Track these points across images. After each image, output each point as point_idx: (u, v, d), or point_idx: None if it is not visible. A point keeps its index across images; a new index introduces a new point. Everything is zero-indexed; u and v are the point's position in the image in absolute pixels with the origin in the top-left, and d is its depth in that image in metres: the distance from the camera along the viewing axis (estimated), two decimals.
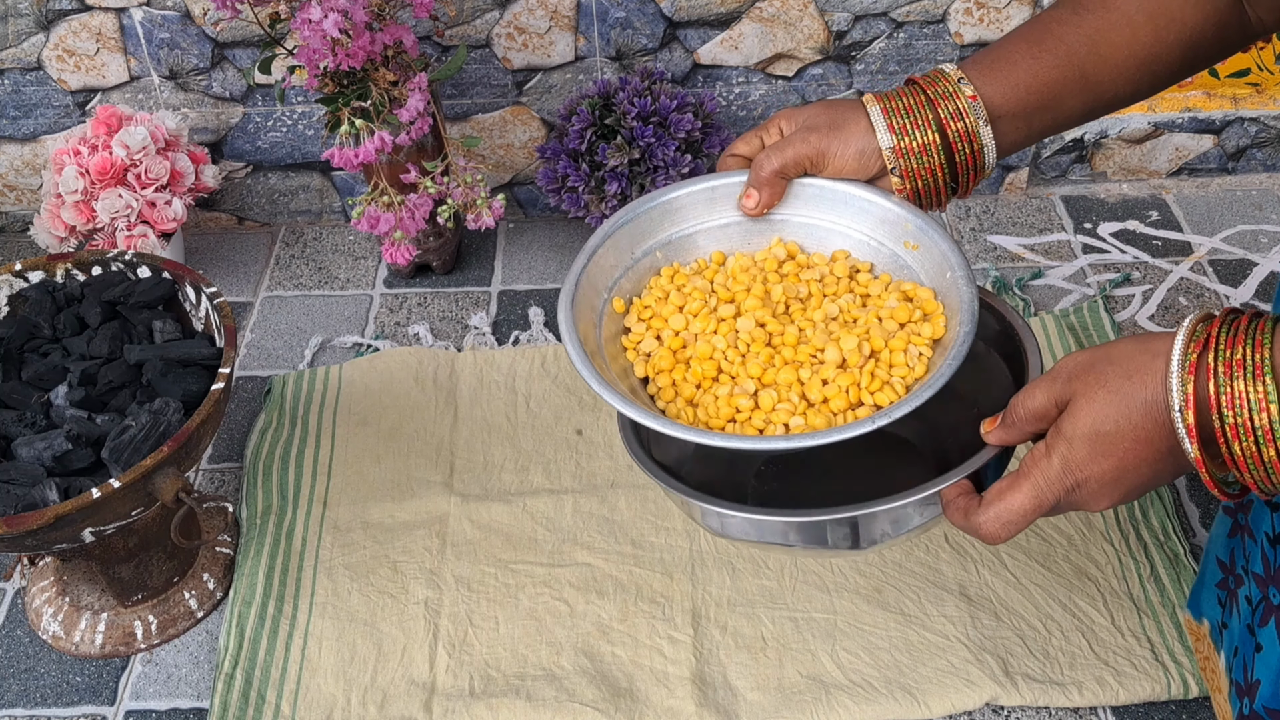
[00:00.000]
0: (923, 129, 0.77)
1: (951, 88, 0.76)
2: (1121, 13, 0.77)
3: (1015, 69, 0.77)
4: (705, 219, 0.84)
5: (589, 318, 0.80)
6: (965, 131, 0.77)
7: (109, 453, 0.91)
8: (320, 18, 1.07)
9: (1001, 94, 0.77)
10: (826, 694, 0.94)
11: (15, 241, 1.50)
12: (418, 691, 0.96)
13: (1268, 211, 1.44)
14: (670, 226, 0.84)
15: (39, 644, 1.03)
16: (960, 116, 0.76)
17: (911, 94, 0.78)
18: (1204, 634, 0.78)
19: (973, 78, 0.77)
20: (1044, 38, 0.77)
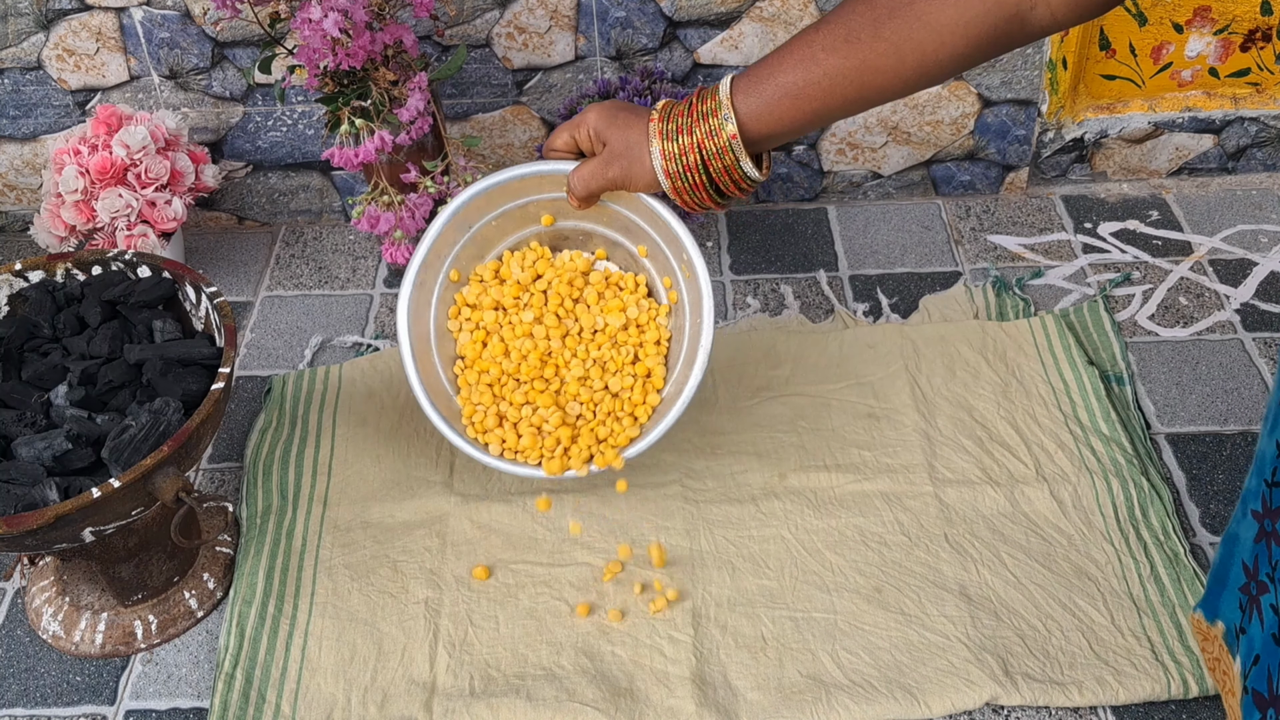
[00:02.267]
0: (692, 171, 0.91)
1: (718, 125, 0.88)
2: (890, 43, 0.83)
3: (781, 105, 0.87)
4: (535, 195, 1.02)
5: (425, 299, 1.02)
6: (725, 169, 0.90)
7: (109, 453, 0.91)
8: (320, 17, 1.07)
9: (765, 128, 0.88)
10: (826, 694, 0.94)
11: (15, 241, 1.50)
12: (418, 691, 0.96)
13: (1268, 211, 1.44)
14: (505, 202, 1.02)
15: (39, 644, 1.03)
16: (721, 155, 0.89)
17: (686, 132, 0.90)
18: (1216, 636, 0.77)
19: (740, 114, 0.88)
20: (813, 71, 0.85)
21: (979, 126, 1.43)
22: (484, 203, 1.01)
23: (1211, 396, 1.20)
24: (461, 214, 1.01)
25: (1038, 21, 0.81)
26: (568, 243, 1.05)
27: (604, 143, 0.94)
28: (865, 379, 1.21)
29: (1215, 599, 0.77)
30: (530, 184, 1.00)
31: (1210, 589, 0.77)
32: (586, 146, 0.97)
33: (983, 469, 1.11)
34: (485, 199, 1.01)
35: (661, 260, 1.02)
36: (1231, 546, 0.75)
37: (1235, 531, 0.75)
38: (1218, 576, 0.76)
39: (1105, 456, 1.11)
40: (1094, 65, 1.42)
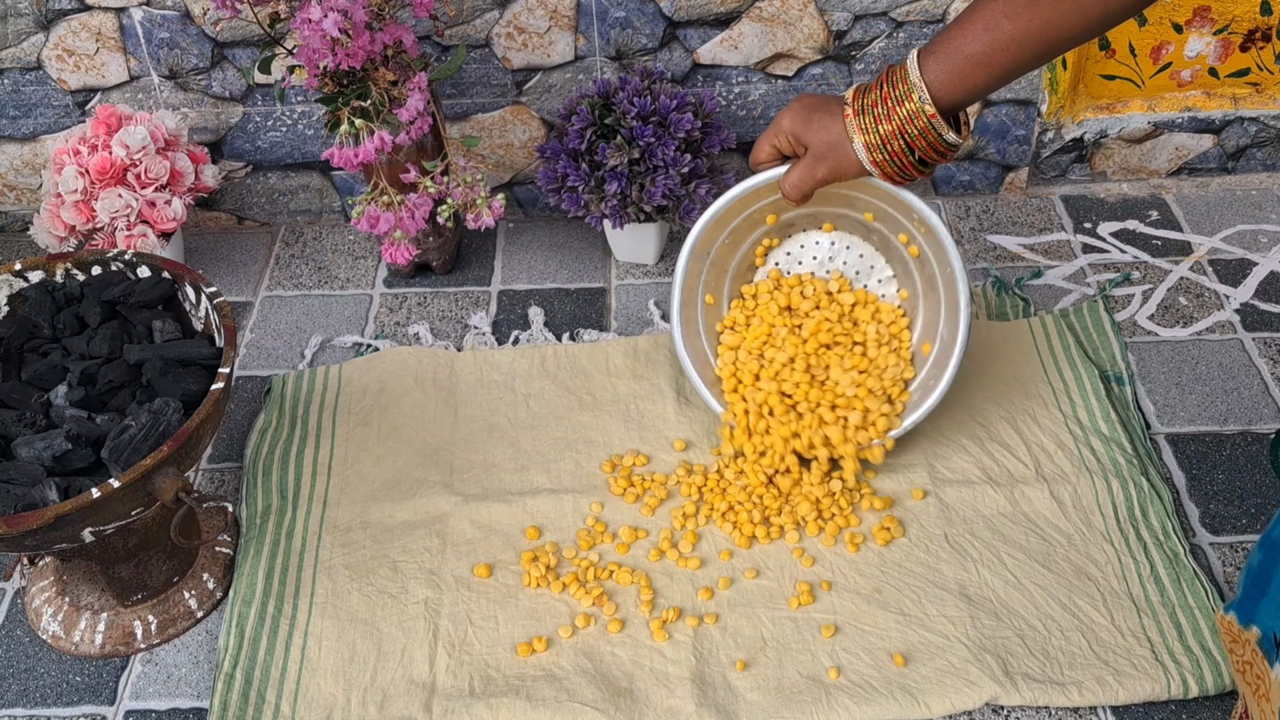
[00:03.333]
0: (898, 155, 0.96)
1: (916, 108, 0.93)
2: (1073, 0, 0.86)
3: (973, 75, 0.91)
4: (755, 205, 1.09)
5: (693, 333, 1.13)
6: (929, 145, 0.95)
7: (109, 453, 0.91)
8: (320, 17, 1.07)
9: (959, 97, 0.93)
10: (826, 694, 0.94)
11: (15, 241, 1.50)
12: (418, 691, 0.96)
13: (1268, 211, 1.44)
14: (731, 221, 1.10)
15: (39, 644, 1.03)
16: (924, 135, 0.94)
17: (885, 119, 0.95)
18: (1249, 640, 0.77)
19: (934, 90, 0.92)
20: (999, 37, 0.89)
21: (979, 126, 1.43)
22: (714, 229, 1.10)
23: (1211, 396, 1.20)
24: (699, 244, 1.10)
25: None
26: (794, 228, 1.14)
27: (805, 146, 1.00)
28: None
29: (1252, 604, 0.76)
30: (749, 198, 1.08)
31: (1246, 593, 0.76)
32: (788, 150, 1.02)
33: (983, 469, 1.11)
34: (714, 225, 1.09)
35: (891, 221, 1.09)
36: (1274, 554, 0.74)
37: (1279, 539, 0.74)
38: (1256, 582, 0.75)
39: (1105, 456, 1.11)
40: (1093, 65, 1.43)
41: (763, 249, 1.14)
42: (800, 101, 1.00)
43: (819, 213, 1.12)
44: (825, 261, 1.14)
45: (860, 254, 1.14)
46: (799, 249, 1.15)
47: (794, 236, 1.14)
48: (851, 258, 1.14)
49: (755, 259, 1.15)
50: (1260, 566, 0.75)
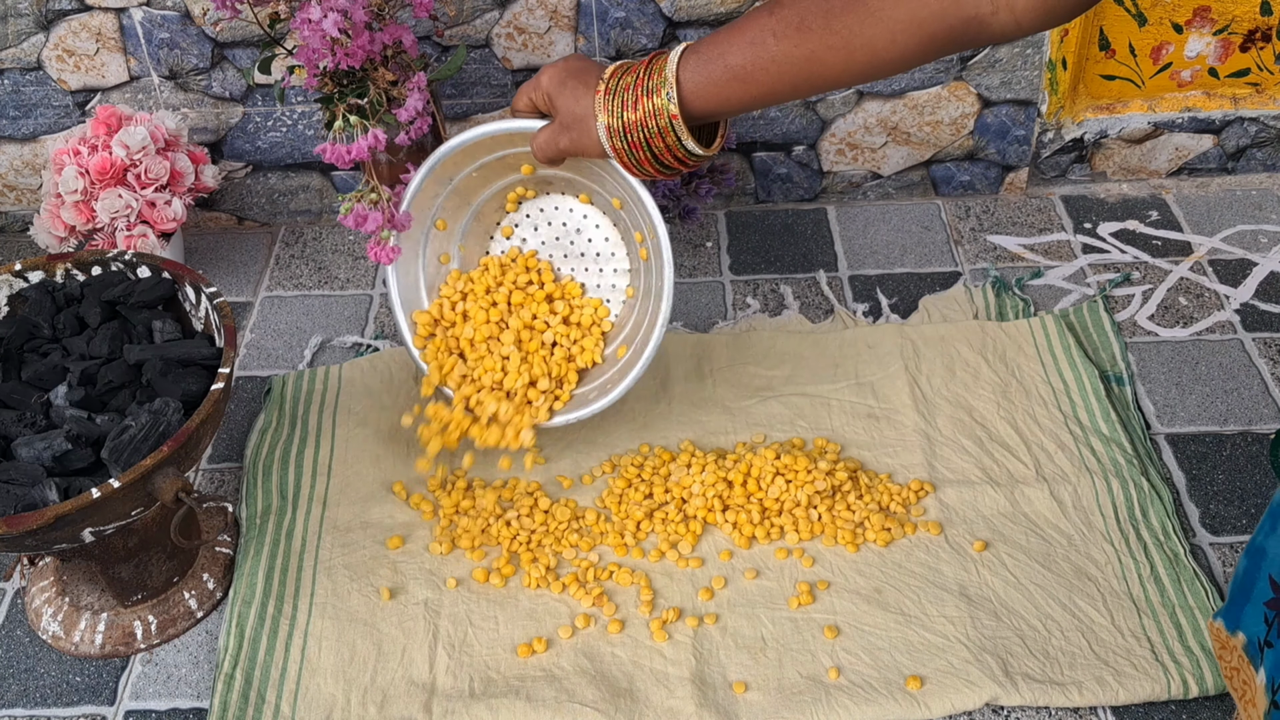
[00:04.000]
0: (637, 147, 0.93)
1: (660, 105, 0.89)
2: (841, 36, 0.83)
3: (729, 87, 0.88)
4: (510, 149, 1.07)
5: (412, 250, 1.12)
6: (667, 147, 0.92)
7: (109, 453, 0.91)
8: (320, 17, 1.07)
9: (710, 106, 0.89)
10: (826, 694, 0.94)
11: (15, 241, 1.50)
12: (418, 692, 0.96)
13: (1268, 211, 1.44)
14: (483, 155, 1.08)
15: (39, 644, 1.03)
16: (663, 135, 0.91)
17: (630, 107, 0.91)
18: (1236, 647, 0.77)
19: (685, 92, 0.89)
20: (761, 55, 0.86)
21: (979, 126, 1.43)
22: (462, 156, 1.07)
23: (1211, 396, 1.20)
24: (440, 168, 1.08)
25: (999, 26, 0.80)
26: (553, 187, 1.11)
27: (556, 109, 0.96)
28: (865, 379, 1.21)
29: (1237, 610, 0.76)
30: (503, 140, 1.05)
31: (1232, 600, 0.77)
32: (543, 108, 0.99)
33: (983, 469, 1.11)
34: (463, 153, 1.07)
35: (633, 214, 1.06)
36: (1257, 560, 0.74)
37: (1262, 545, 0.74)
38: (1240, 589, 0.76)
39: (1105, 457, 1.11)
40: (1094, 65, 1.43)
41: (515, 196, 1.12)
42: (566, 62, 0.97)
43: (576, 180, 1.09)
44: (572, 233, 1.12)
45: (606, 236, 1.11)
46: (553, 209, 1.12)
47: (550, 195, 1.12)
48: (598, 237, 1.12)
49: (507, 203, 1.13)
50: (1245, 573, 0.75)
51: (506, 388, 1.08)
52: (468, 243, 1.15)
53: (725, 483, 1.09)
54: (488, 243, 1.15)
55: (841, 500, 1.08)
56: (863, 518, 1.07)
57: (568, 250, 1.13)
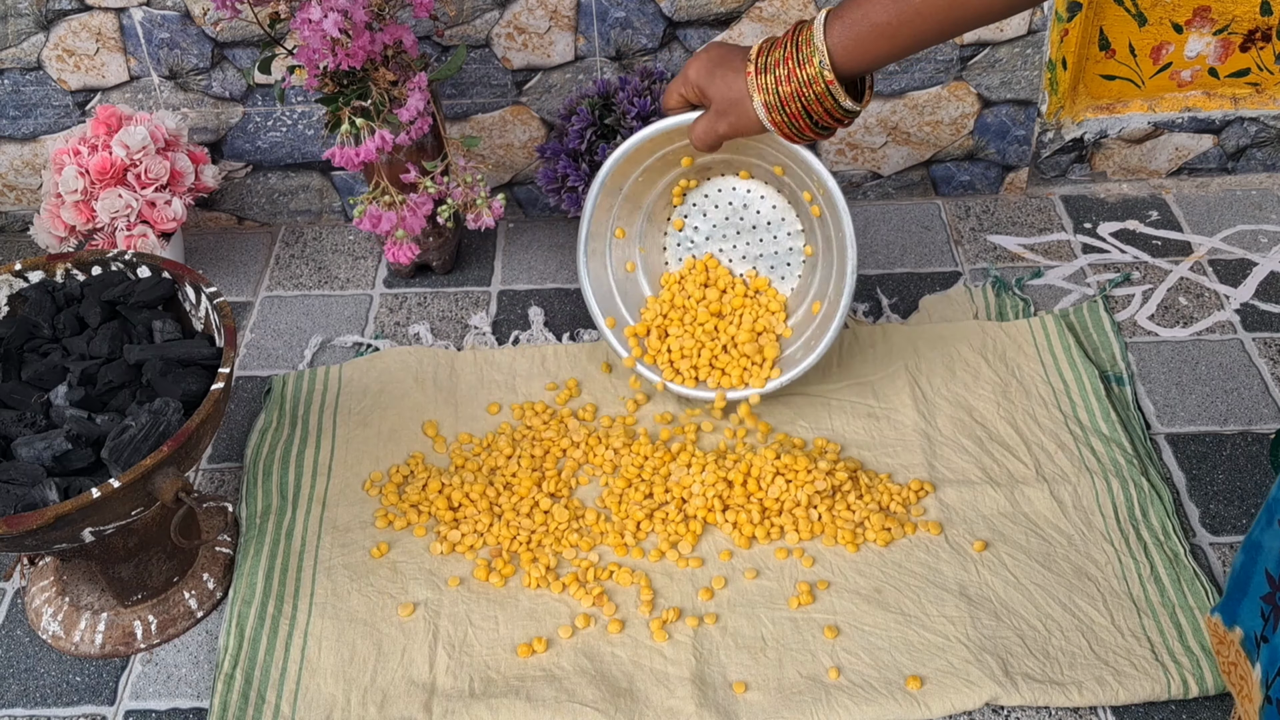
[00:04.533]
0: (796, 118, 0.96)
1: (815, 73, 0.93)
2: None
3: (877, 44, 0.91)
4: (668, 146, 1.13)
5: (600, 265, 1.19)
6: (826, 111, 0.95)
7: (109, 453, 0.91)
8: (320, 18, 1.07)
9: (860, 65, 0.93)
10: (826, 694, 0.94)
11: (15, 241, 1.50)
12: (418, 692, 0.96)
13: (1268, 211, 1.44)
14: (644, 160, 1.14)
15: (39, 644, 1.03)
16: (820, 100, 0.94)
17: (785, 81, 0.95)
18: (1233, 641, 0.77)
19: (835, 56, 0.92)
20: (905, 9, 0.88)
21: (979, 126, 1.43)
22: (627, 165, 1.14)
23: (1211, 396, 1.20)
24: (610, 180, 1.14)
25: None
26: (712, 171, 1.18)
27: (709, 99, 1.01)
28: (865, 379, 1.21)
29: (1235, 605, 0.76)
30: (660, 140, 1.11)
31: (1229, 595, 0.77)
32: (695, 100, 1.04)
33: (983, 469, 1.11)
34: (627, 161, 1.13)
35: (797, 177, 1.12)
36: (1254, 554, 0.75)
37: (1259, 540, 0.74)
38: (1238, 583, 0.76)
39: (1105, 457, 1.11)
40: (1093, 65, 1.42)
41: (680, 189, 1.18)
42: (708, 52, 1.01)
43: (734, 160, 1.15)
44: (740, 210, 1.18)
45: (773, 205, 1.17)
46: (716, 193, 1.18)
47: (712, 180, 1.18)
48: (765, 207, 1.17)
49: (673, 198, 1.19)
50: (1242, 568, 0.76)
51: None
52: (646, 243, 1.21)
53: (725, 483, 1.09)
54: (663, 239, 1.22)
55: (841, 500, 1.08)
56: (863, 518, 1.07)
57: (739, 227, 1.19)
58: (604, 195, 1.15)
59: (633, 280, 1.21)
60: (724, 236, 1.20)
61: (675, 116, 1.07)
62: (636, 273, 1.21)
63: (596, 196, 1.14)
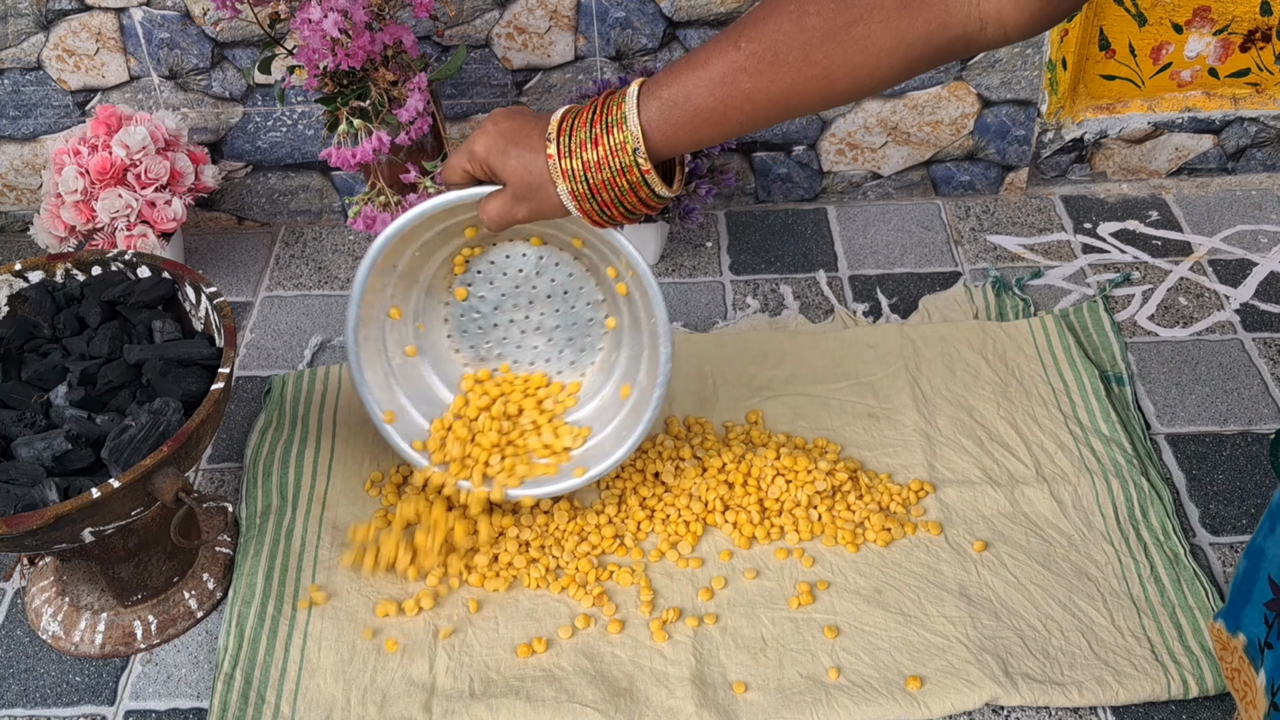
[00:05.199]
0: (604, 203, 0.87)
1: (629, 162, 0.84)
2: (821, 67, 0.78)
3: (699, 130, 0.82)
4: (449, 220, 0.99)
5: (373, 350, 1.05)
6: (640, 201, 0.87)
7: (109, 453, 0.91)
8: (320, 18, 1.07)
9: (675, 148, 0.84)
10: (826, 694, 0.94)
11: (15, 241, 1.50)
12: (417, 692, 0.96)
13: (1268, 211, 1.44)
14: (423, 235, 1.00)
15: (39, 644, 1.03)
16: (635, 190, 0.86)
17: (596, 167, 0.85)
18: (1237, 648, 0.77)
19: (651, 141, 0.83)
20: (734, 94, 0.80)
21: (979, 127, 1.43)
22: (401, 243, 0.99)
23: (1211, 396, 1.20)
24: (383, 259, 0.99)
25: (987, 40, 0.77)
26: (499, 237, 1.03)
27: (503, 180, 0.90)
28: (865, 379, 1.21)
29: (1238, 611, 0.76)
30: (442, 214, 0.97)
31: (1232, 601, 0.77)
32: (482, 177, 0.92)
33: (983, 469, 1.11)
34: (402, 239, 0.99)
35: (599, 251, 1.00)
36: (1257, 561, 0.74)
37: (1261, 546, 0.74)
38: (1240, 589, 0.76)
39: (1105, 457, 1.11)
40: (1093, 65, 1.43)
41: (462, 258, 1.04)
42: (497, 126, 0.89)
43: (524, 227, 1.00)
44: (531, 278, 1.04)
45: (570, 273, 1.04)
46: (504, 259, 1.04)
47: (498, 245, 1.04)
48: (560, 275, 1.04)
49: (454, 266, 1.04)
50: (1245, 574, 0.75)
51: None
52: (425, 319, 1.08)
53: (725, 483, 1.09)
54: (444, 309, 1.08)
55: (841, 500, 1.08)
56: (863, 518, 1.07)
57: (531, 296, 1.05)
58: (375, 276, 1.00)
59: (412, 366, 1.08)
60: (514, 306, 1.06)
61: (459, 193, 0.93)
62: (417, 357, 1.08)
63: (366, 278, 0.99)
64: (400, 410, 1.07)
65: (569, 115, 0.87)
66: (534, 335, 1.08)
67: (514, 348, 1.09)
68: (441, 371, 1.10)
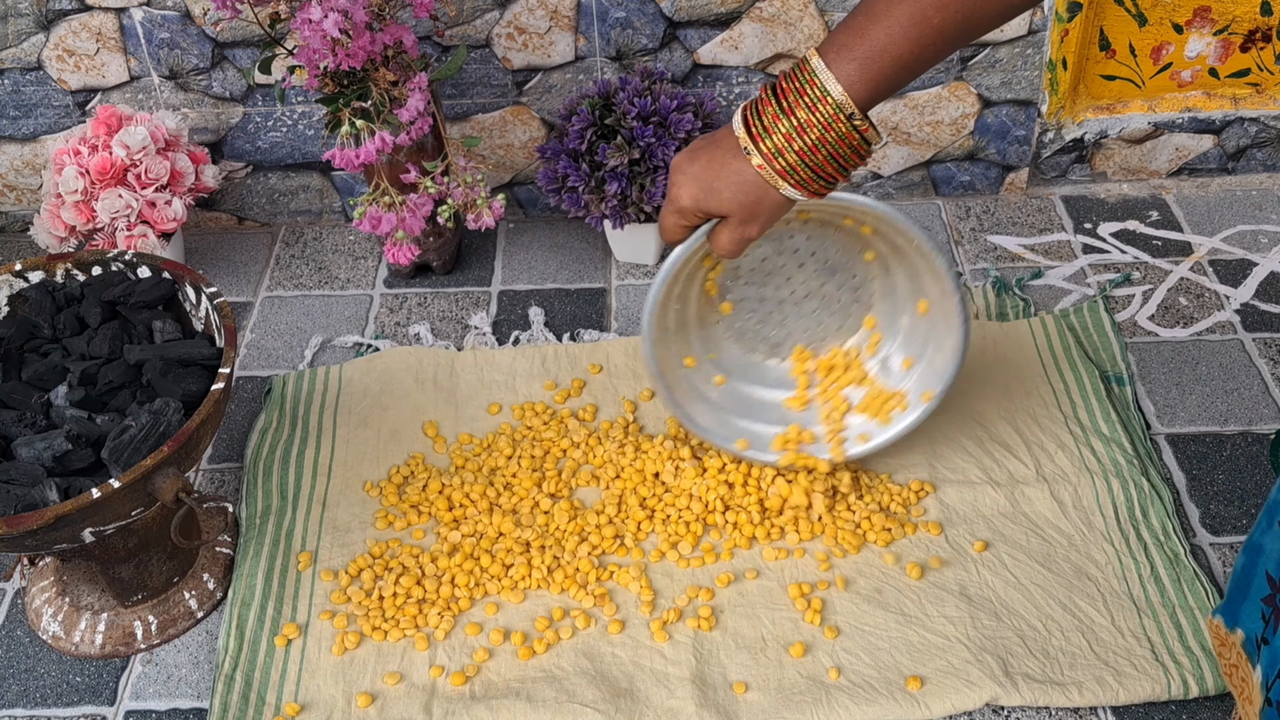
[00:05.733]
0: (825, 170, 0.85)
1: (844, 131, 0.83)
2: None
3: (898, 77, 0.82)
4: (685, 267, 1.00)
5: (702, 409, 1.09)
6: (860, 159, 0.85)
7: (109, 453, 0.91)
8: (320, 18, 1.07)
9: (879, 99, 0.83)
10: (826, 694, 0.94)
11: (15, 241, 1.50)
12: (417, 693, 0.96)
13: (1268, 211, 1.44)
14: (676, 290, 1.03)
15: (39, 644, 1.03)
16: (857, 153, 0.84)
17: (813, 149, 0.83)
18: (1235, 643, 0.77)
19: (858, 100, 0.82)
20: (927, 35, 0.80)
21: (979, 127, 1.43)
22: (662, 309, 1.02)
23: (1211, 397, 1.20)
24: (656, 335, 1.03)
25: None
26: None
27: (721, 214, 0.89)
28: None
29: (1236, 607, 0.76)
30: (678, 267, 0.98)
31: (1230, 597, 0.77)
32: (700, 223, 0.92)
33: (983, 469, 1.11)
34: (660, 305, 1.01)
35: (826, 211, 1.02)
36: (1255, 556, 0.75)
37: (1259, 542, 0.74)
38: (1239, 585, 0.76)
39: (1105, 457, 1.11)
40: (1094, 66, 1.43)
41: (711, 282, 1.07)
42: (689, 172, 0.88)
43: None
44: (773, 257, 1.07)
45: (807, 236, 1.06)
46: (748, 269, 1.08)
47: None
48: (800, 242, 1.07)
49: (709, 292, 1.08)
50: (1243, 570, 0.76)
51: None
52: (714, 349, 1.11)
53: (725, 483, 1.09)
54: (721, 330, 1.11)
55: (842, 500, 1.08)
56: (863, 518, 1.07)
57: (785, 273, 1.08)
58: (658, 349, 1.03)
59: (731, 390, 1.11)
60: (776, 288, 1.09)
61: (685, 245, 0.94)
62: (728, 383, 1.11)
63: (654, 356, 1.03)
64: (746, 433, 1.09)
65: (752, 118, 0.85)
66: (806, 303, 1.11)
67: (797, 322, 1.12)
68: (758, 377, 1.13)
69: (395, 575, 1.03)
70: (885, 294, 1.10)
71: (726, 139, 0.86)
